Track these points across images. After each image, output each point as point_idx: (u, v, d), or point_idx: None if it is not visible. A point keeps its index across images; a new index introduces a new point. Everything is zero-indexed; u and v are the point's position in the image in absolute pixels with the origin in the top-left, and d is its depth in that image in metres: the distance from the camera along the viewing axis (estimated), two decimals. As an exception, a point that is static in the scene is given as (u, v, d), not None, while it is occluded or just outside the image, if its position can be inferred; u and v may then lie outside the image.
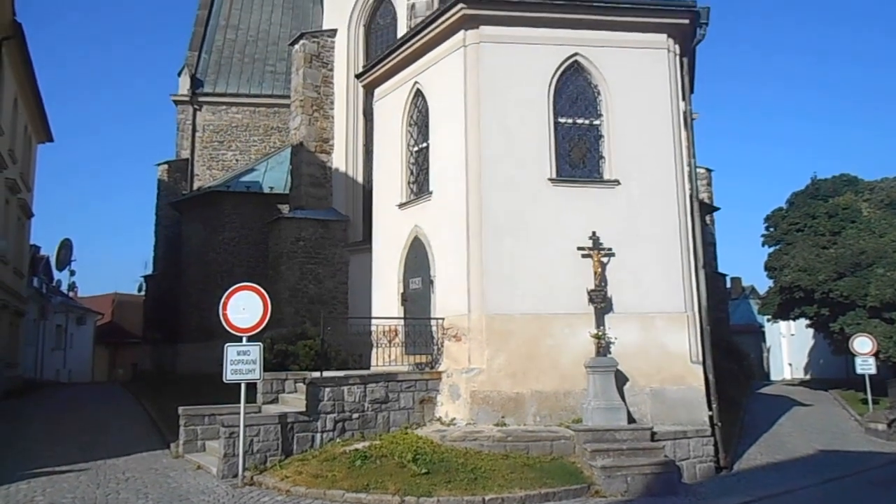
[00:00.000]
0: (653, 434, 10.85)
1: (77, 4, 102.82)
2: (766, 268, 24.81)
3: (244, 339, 10.05)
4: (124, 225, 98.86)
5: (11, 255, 21.25)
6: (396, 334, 12.67)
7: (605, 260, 11.68)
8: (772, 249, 25.10)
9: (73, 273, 36.73)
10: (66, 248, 33.40)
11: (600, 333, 11.36)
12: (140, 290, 35.47)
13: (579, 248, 11.59)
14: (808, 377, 33.66)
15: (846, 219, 22.91)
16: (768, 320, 29.14)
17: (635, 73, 12.49)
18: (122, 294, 47.42)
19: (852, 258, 20.84)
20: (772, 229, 25.49)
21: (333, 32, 21.11)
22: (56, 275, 35.06)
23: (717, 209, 29.75)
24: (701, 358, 11.93)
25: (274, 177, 24.48)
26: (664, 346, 11.70)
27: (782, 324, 34.43)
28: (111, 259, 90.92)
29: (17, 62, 19.77)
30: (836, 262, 21.04)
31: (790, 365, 38.40)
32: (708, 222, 28.05)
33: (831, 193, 24.28)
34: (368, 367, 13.40)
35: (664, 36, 12.65)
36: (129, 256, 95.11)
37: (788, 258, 22.88)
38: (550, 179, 11.82)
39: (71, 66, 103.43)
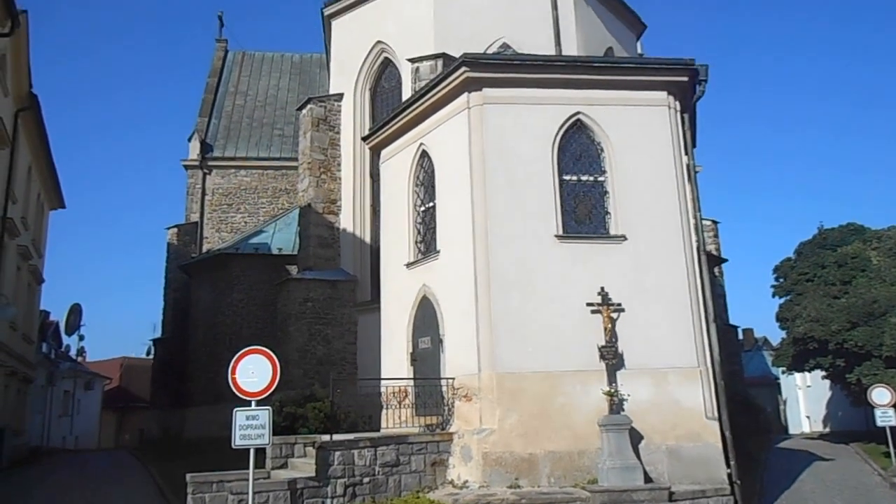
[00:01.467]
0: (671, 494, 10.56)
1: (89, 75, 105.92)
2: (778, 319, 24.61)
3: (253, 404, 9.95)
4: (134, 288, 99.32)
5: (21, 321, 21.31)
6: (406, 395, 12.53)
7: (614, 315, 11.61)
8: (782, 300, 24.94)
9: (82, 338, 36.68)
10: (75, 313, 33.47)
11: (613, 390, 11.19)
12: (148, 353, 35.43)
13: (588, 304, 11.54)
14: (827, 430, 32.92)
15: (856, 268, 22.81)
16: (783, 372, 28.66)
17: (637, 130, 12.66)
18: (131, 358, 47.32)
19: (865, 307, 20.65)
20: (781, 280, 25.39)
21: (340, 96, 21.60)
22: (65, 340, 35.11)
23: (725, 260, 29.69)
24: (716, 413, 11.71)
25: (282, 238, 24.68)
26: (678, 402, 11.50)
27: (798, 375, 33.91)
28: (120, 322, 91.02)
29: (32, 132, 20.28)
30: (849, 311, 20.84)
31: (808, 418, 37.63)
32: (717, 274, 27.95)
33: (839, 242, 24.26)
34: (378, 429, 13.20)
35: (664, 93, 12.88)
36: (138, 320, 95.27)
37: (800, 309, 22.70)
38: (557, 236, 11.87)
39: (83, 134, 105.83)
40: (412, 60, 18.59)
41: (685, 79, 12.90)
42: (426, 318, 13.01)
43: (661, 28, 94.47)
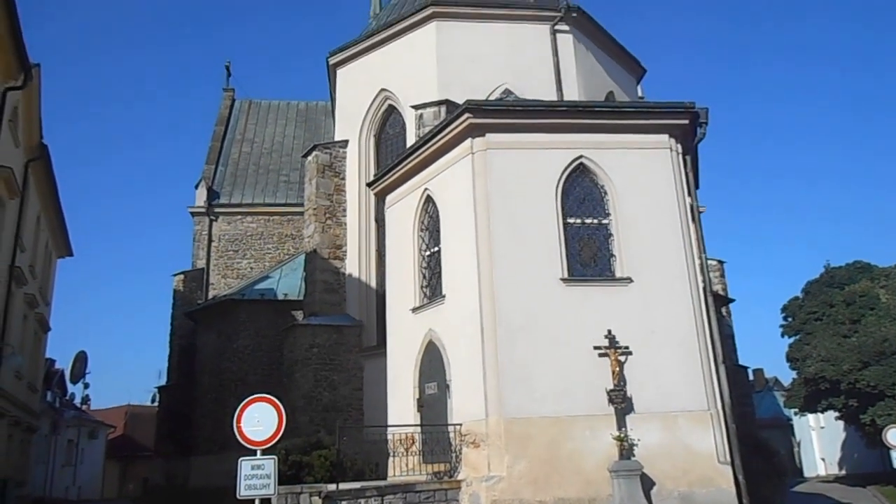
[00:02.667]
0: (685, 542, 10.33)
1: (97, 124, 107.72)
2: (789, 359, 24.41)
3: (258, 453, 9.84)
4: (139, 335, 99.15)
5: (27, 370, 21.25)
6: (413, 442, 12.37)
7: (622, 358, 11.52)
8: (792, 340, 24.77)
9: (86, 386, 36.52)
10: (80, 361, 33.35)
11: (622, 435, 11.04)
12: (153, 401, 35.16)
13: (596, 348, 11.47)
14: (843, 472, 32.26)
15: (864, 306, 22.70)
16: (796, 413, 28.28)
17: (640, 173, 12.76)
18: (135, 406, 47.00)
19: (875, 346, 20.47)
20: (790, 319, 25.26)
21: (345, 143, 21.87)
22: (70, 388, 34.90)
23: (732, 300, 29.47)
24: (729, 458, 11.51)
25: (288, 283, 24.70)
26: (689, 447, 11.33)
27: (811, 416, 33.42)
28: (125, 370, 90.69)
29: (42, 181, 20.55)
30: (860, 350, 20.66)
31: (823, 460, 36.91)
32: (724, 314, 27.74)
33: (846, 281, 24.20)
34: (385, 477, 12.98)
35: (665, 136, 13.02)
36: (143, 367, 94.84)
37: (810, 348, 22.52)
38: (563, 279, 11.87)
39: (92, 182, 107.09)
40: (416, 107, 18.87)
41: (686, 122, 13.05)
42: (432, 363, 12.93)
43: (662, 71, 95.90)
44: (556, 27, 20.01)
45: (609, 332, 11.56)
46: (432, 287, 13.57)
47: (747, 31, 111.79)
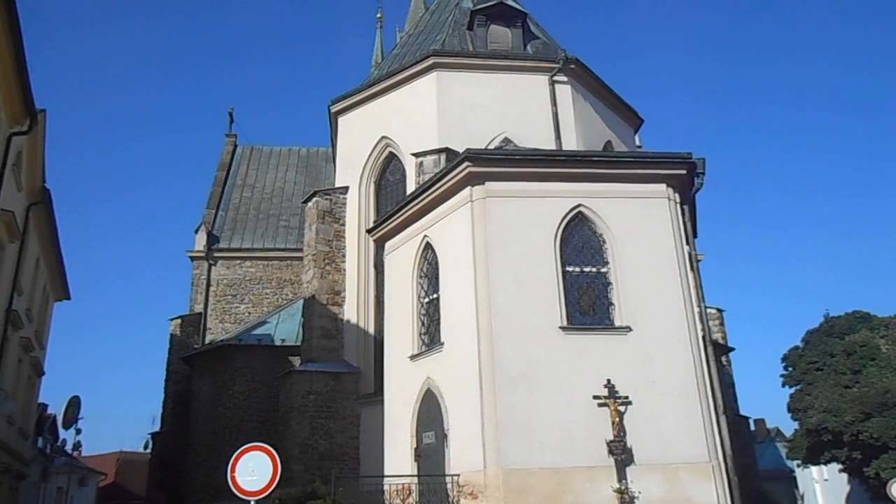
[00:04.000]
0: None
1: (99, 169, 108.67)
2: (790, 409, 24.16)
3: (252, 503, 9.66)
4: (134, 380, 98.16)
5: (18, 415, 20.95)
6: (410, 493, 12.14)
7: (622, 408, 11.40)
8: (793, 390, 24.54)
9: (78, 431, 35.85)
10: (73, 406, 32.79)
11: (623, 488, 10.85)
12: (146, 447, 34.52)
13: (595, 397, 11.36)
14: (848, 527, 31.59)
15: (865, 356, 22.57)
16: (799, 465, 27.84)
17: (638, 222, 12.84)
18: (128, 452, 46.19)
19: (877, 397, 20.29)
20: (791, 369, 25.08)
21: (345, 189, 22.03)
22: (61, 433, 34.30)
23: (732, 349, 29.32)
24: (731, 512, 11.29)
25: (286, 329, 24.56)
26: (691, 500, 11.13)
27: (814, 468, 32.87)
28: (119, 415, 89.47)
29: (43, 225, 20.60)
30: (862, 401, 20.46)
31: (827, 513, 36.19)
32: (724, 363, 27.56)
33: (846, 330, 24.10)
34: (381, 530, 12.72)
35: (663, 186, 13.14)
36: (137, 412, 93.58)
37: (811, 399, 22.32)
38: (562, 328, 11.83)
39: (92, 225, 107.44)
40: (416, 155, 19.07)
41: (683, 172, 13.19)
42: (430, 412, 12.78)
43: (660, 118, 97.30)
44: (555, 78, 20.39)
45: (608, 381, 11.48)
46: (431, 334, 13.51)
47: (745, 78, 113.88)
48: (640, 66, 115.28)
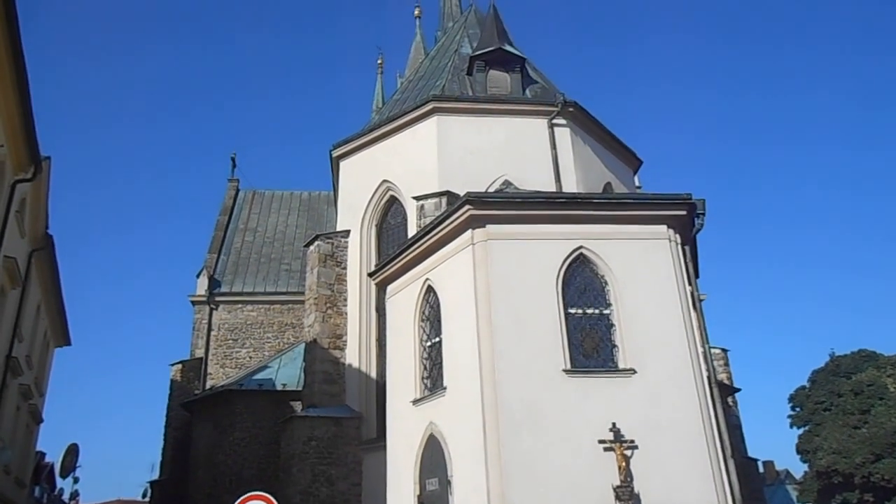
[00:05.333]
0: None
1: (101, 213, 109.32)
2: (799, 450, 23.84)
3: (251, 555, 9.46)
4: (133, 427, 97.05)
5: (16, 464, 20.65)
6: (413, 542, 11.88)
7: (628, 453, 11.22)
8: (801, 430, 24.23)
9: (76, 480, 35.26)
10: (71, 454, 32.31)
11: (631, 535, 10.61)
12: (144, 495, 33.91)
13: (601, 442, 11.19)
14: (863, 572, 30.74)
15: (873, 396, 22.35)
16: (809, 508, 27.27)
17: (640, 263, 12.84)
18: (125, 500, 45.38)
19: (887, 438, 20.01)
20: (798, 409, 24.84)
21: (347, 233, 22.09)
22: (59, 482, 33.72)
23: (738, 390, 28.99)
24: (743, 559, 11.02)
25: (287, 373, 24.37)
26: (701, 547, 10.86)
27: (825, 511, 32.16)
28: (118, 462, 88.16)
29: (45, 271, 20.61)
30: (871, 442, 20.18)
31: (841, 558, 35.26)
32: (731, 404, 27.22)
33: (853, 370, 23.94)
34: (384, 581, 12.41)
35: (664, 227, 13.17)
36: (136, 459, 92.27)
37: (820, 440, 22.03)
38: (565, 371, 11.72)
39: (92, 270, 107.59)
40: (417, 198, 19.17)
41: (683, 213, 13.23)
42: (434, 458, 12.58)
43: (659, 160, 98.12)
44: (554, 121, 20.62)
45: (613, 424, 11.32)
46: (433, 378, 13.38)
47: (746, 115, 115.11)
48: (638, 107, 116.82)
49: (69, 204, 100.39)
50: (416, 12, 44.05)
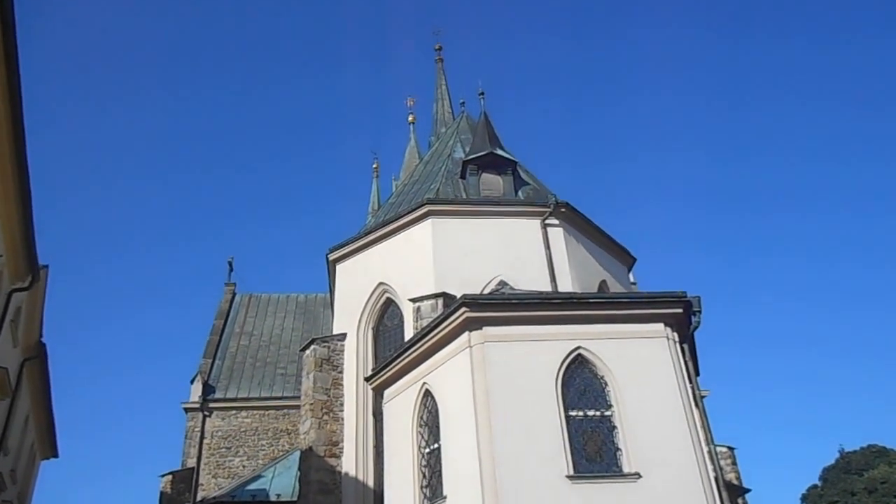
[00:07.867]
0: None
1: (95, 318, 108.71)
2: (816, 555, 22.75)
3: None
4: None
5: (-7, 589, 19.55)
6: None
7: (638, 564, 10.72)
8: (817, 533, 23.27)
9: None
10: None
11: None
12: None
13: (609, 553, 10.72)
14: None
15: (888, 493, 21.62)
16: None
17: (638, 362, 12.73)
18: None
19: (906, 539, 19.19)
20: (811, 510, 23.90)
21: (343, 336, 21.96)
22: None
23: (748, 490, 28.05)
24: None
25: (281, 483, 23.51)
26: None
27: None
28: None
29: (36, 380, 20.29)
30: (891, 544, 19.34)
31: None
32: (741, 506, 26.27)
33: (864, 466, 23.27)
34: None
35: (661, 325, 13.15)
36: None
37: (837, 543, 21.09)
38: (569, 476, 11.37)
39: (81, 375, 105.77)
40: (413, 300, 19.21)
41: (679, 310, 13.25)
42: (434, 574, 11.99)
43: (653, 257, 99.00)
44: (547, 221, 20.98)
45: (621, 534, 10.88)
46: (433, 487, 12.94)
47: (742, 221, 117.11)
48: (628, 205, 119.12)
49: (62, 307, 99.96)
50: (410, 118, 45.79)
